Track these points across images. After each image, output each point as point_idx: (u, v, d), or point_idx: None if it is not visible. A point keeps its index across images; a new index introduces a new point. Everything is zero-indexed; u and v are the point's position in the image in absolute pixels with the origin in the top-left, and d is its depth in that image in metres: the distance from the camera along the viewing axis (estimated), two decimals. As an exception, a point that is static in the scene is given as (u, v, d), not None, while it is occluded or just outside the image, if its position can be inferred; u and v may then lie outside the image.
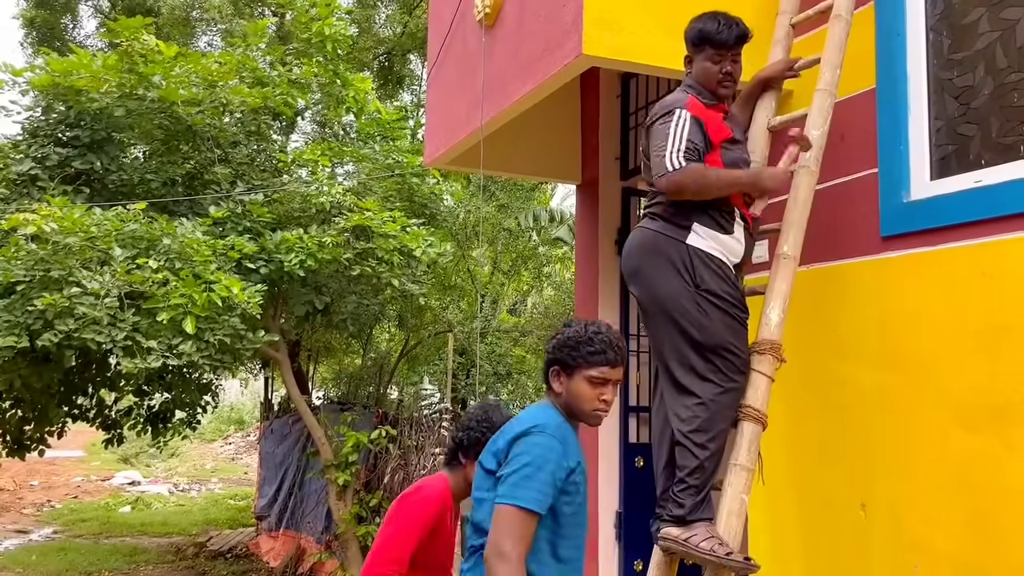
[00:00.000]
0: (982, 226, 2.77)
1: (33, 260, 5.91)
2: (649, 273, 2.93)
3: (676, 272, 2.87)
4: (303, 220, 7.88)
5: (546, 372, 2.59)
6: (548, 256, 12.46)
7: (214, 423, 22.44)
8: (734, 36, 3.02)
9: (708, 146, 2.94)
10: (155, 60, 7.58)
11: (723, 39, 3.00)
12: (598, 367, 2.49)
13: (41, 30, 14.14)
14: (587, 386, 2.49)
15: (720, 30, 2.99)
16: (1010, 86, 2.90)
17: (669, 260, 2.88)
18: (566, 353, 2.51)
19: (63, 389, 7.54)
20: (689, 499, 2.78)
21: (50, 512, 14.01)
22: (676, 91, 3.09)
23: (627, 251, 3.06)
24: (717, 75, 3.03)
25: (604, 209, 5.54)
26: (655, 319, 2.96)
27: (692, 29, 3.08)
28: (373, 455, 7.88)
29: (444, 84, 5.19)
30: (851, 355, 3.20)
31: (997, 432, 2.66)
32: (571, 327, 2.58)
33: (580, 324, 2.58)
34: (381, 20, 14.57)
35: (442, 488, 2.95)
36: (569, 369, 2.50)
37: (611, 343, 2.52)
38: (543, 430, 2.41)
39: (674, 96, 3.03)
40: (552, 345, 2.58)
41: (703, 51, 3.04)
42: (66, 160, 7.38)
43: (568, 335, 2.54)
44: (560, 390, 2.53)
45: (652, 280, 2.92)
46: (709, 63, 3.03)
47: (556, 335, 2.60)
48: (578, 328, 2.55)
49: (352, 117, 10.11)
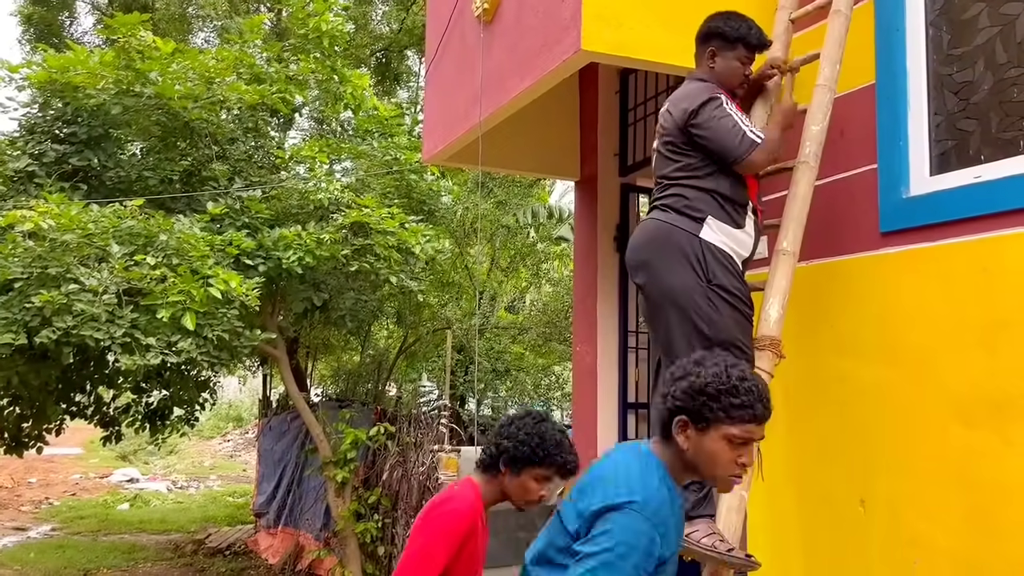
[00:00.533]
0: (981, 222, 2.77)
1: (31, 257, 5.89)
2: (660, 265, 2.93)
3: (688, 265, 2.87)
4: (301, 217, 7.86)
5: (667, 421, 2.11)
6: (547, 253, 12.45)
7: (212, 420, 22.45)
8: (764, 43, 3.16)
9: None
10: (152, 56, 7.55)
11: (756, 43, 3.12)
12: (743, 424, 2.02)
13: (39, 26, 14.12)
14: (725, 446, 2.03)
15: (756, 34, 3.11)
16: (1010, 81, 2.89)
17: (682, 253, 2.89)
18: (702, 403, 2.03)
19: (61, 386, 7.52)
20: (692, 495, 2.77)
21: (48, 509, 14.00)
22: (694, 83, 3.09)
23: (637, 242, 3.05)
24: (741, 75, 3.14)
25: (603, 205, 5.53)
26: (663, 312, 2.95)
27: (727, 26, 3.11)
28: (372, 452, 7.87)
29: (442, 80, 5.18)
30: (850, 351, 3.20)
31: (996, 428, 2.66)
32: (707, 367, 2.08)
33: (719, 365, 2.08)
34: (378, 17, 14.55)
35: (472, 498, 2.69)
36: (703, 423, 2.04)
37: (761, 395, 2.05)
38: (640, 510, 1.98)
39: (702, 85, 3.05)
40: (681, 389, 2.07)
41: (735, 49, 3.10)
42: (63, 157, 7.36)
43: (706, 380, 2.05)
44: (686, 446, 2.07)
45: (663, 272, 2.92)
46: (738, 63, 3.11)
47: (685, 375, 2.10)
48: (718, 371, 2.06)
49: (350, 113, 10.09)
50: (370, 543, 7.46)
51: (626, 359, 5.45)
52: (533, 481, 2.65)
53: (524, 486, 2.66)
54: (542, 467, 2.63)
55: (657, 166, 3.12)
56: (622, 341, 5.46)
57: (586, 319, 5.57)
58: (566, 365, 11.89)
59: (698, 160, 2.97)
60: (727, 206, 2.93)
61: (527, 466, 2.63)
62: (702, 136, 2.95)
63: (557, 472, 2.66)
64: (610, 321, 5.45)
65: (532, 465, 2.63)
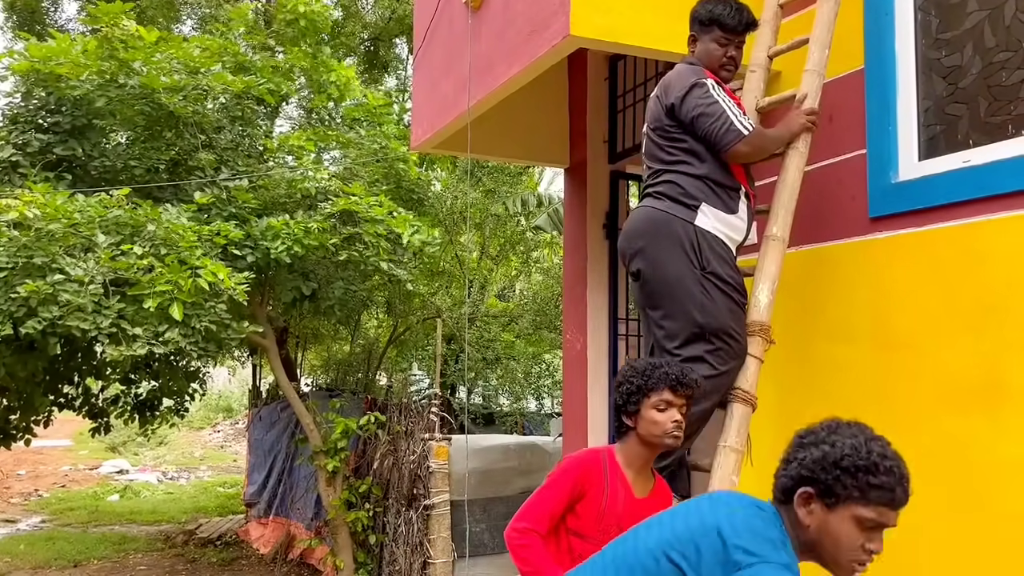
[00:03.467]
0: (970, 206, 2.77)
1: (15, 247, 5.83)
2: (655, 253, 2.93)
3: (683, 253, 2.87)
4: (289, 206, 7.81)
5: (789, 488, 1.86)
6: (536, 241, 12.43)
7: (202, 411, 22.37)
8: (744, 23, 3.09)
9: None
10: (136, 46, 7.48)
11: (733, 24, 3.07)
12: (879, 507, 1.75)
13: (22, 14, 13.95)
14: (854, 528, 1.76)
15: (732, 15, 3.06)
16: (998, 65, 2.89)
17: (676, 241, 2.89)
18: (835, 477, 1.77)
19: (48, 378, 7.47)
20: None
21: (38, 501, 13.94)
22: (684, 67, 3.08)
23: (632, 229, 3.04)
24: (721, 58, 3.09)
25: (592, 192, 5.51)
26: (657, 299, 2.95)
27: (702, 9, 3.10)
28: (362, 441, 7.86)
29: (430, 68, 5.15)
30: (840, 336, 3.21)
31: (986, 412, 2.67)
32: (843, 436, 1.81)
33: (858, 437, 1.81)
34: (368, 5, 14.45)
35: (591, 455, 2.68)
36: (833, 499, 1.77)
37: (903, 476, 1.79)
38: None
39: (690, 69, 3.03)
40: (811, 458, 1.80)
41: (711, 32, 3.08)
42: (48, 146, 7.28)
43: (842, 451, 1.78)
44: (808, 522, 1.81)
45: (659, 260, 2.92)
46: (715, 45, 3.08)
47: (814, 439, 1.84)
48: (856, 444, 1.79)
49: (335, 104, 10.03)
50: (361, 532, 7.46)
51: (616, 346, 5.45)
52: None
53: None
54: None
55: (648, 151, 3.11)
56: (612, 328, 5.45)
57: (576, 307, 5.56)
58: (556, 353, 11.90)
59: (689, 145, 2.96)
60: (720, 192, 2.93)
61: (636, 399, 2.62)
62: (689, 122, 2.94)
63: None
64: (600, 308, 5.44)
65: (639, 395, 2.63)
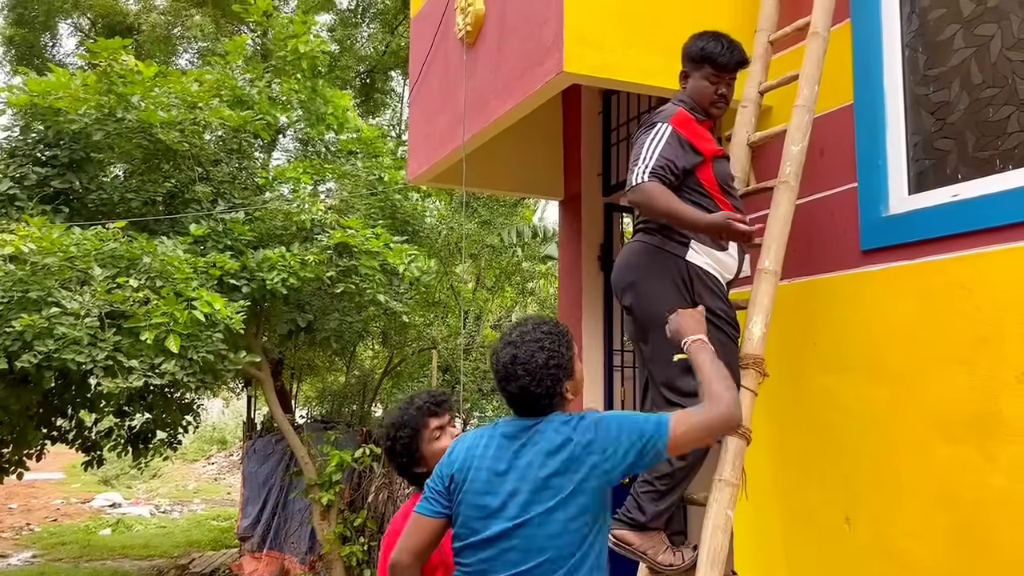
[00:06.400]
0: (959, 240, 2.80)
1: (11, 281, 5.84)
2: (646, 287, 2.93)
3: (675, 288, 2.88)
4: (285, 238, 7.84)
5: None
6: (532, 272, 12.47)
7: (196, 443, 22.19)
8: (735, 60, 3.08)
9: (696, 159, 2.95)
10: (134, 80, 7.55)
11: (724, 62, 3.04)
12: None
13: (20, 48, 14.08)
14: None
15: (723, 52, 3.04)
16: (985, 101, 2.93)
17: (668, 275, 2.90)
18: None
19: (42, 411, 7.44)
20: (651, 505, 2.79)
21: (29, 536, 13.78)
22: (669, 104, 3.11)
23: (623, 265, 3.05)
24: (712, 95, 3.07)
25: (587, 225, 5.55)
26: (649, 334, 2.95)
27: (694, 46, 3.09)
28: (357, 474, 7.83)
29: (426, 101, 5.20)
30: (833, 368, 3.22)
31: (977, 444, 2.68)
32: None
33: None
34: (363, 39, 14.60)
35: (406, 509, 2.58)
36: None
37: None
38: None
39: (665, 109, 3.06)
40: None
41: (702, 69, 3.07)
42: (45, 179, 7.32)
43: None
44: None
45: (649, 294, 2.92)
46: (706, 82, 3.06)
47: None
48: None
49: (334, 134, 10.11)
50: (356, 566, 7.41)
51: (611, 378, 5.45)
52: None
53: None
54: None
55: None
56: (607, 360, 5.46)
57: (571, 338, 5.56)
58: (552, 384, 11.84)
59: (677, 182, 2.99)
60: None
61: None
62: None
63: None
64: (595, 340, 5.45)
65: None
